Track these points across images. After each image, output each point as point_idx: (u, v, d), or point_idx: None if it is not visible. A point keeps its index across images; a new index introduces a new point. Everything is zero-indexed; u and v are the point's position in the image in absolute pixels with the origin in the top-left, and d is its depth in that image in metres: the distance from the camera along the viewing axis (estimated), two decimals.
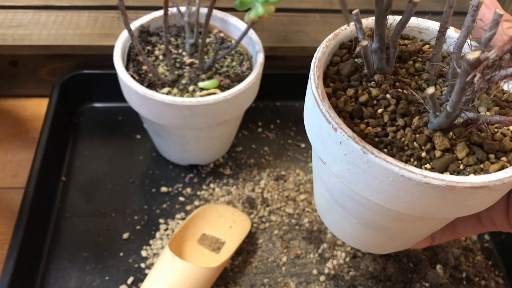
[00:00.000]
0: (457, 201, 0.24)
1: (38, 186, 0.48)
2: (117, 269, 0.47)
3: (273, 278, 0.47)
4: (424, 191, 0.24)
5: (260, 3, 0.40)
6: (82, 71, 0.59)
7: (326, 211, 0.35)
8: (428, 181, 0.23)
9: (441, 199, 0.24)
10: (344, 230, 0.35)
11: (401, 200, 0.25)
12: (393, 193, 0.25)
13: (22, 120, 0.61)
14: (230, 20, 0.51)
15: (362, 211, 0.29)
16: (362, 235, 0.33)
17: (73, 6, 0.62)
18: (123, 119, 0.60)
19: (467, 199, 0.24)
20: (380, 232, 0.31)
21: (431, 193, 0.24)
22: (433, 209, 0.25)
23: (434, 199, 0.24)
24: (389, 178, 0.24)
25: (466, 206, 0.25)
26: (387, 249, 0.36)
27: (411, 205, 0.25)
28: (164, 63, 0.49)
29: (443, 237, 0.37)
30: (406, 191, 0.24)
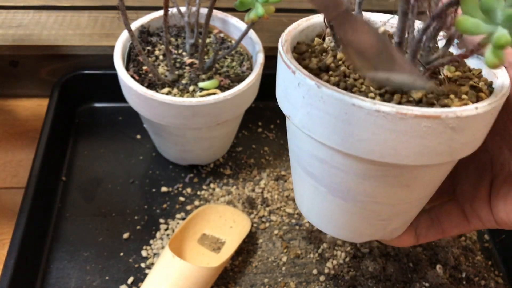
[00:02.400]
0: (412, 137, 0.24)
1: (38, 186, 0.48)
2: (117, 269, 0.47)
3: (273, 278, 0.47)
4: (376, 123, 0.24)
5: (260, 4, 0.40)
6: (82, 71, 0.59)
7: (300, 192, 0.34)
8: (378, 108, 0.23)
9: (396, 134, 0.24)
10: (317, 210, 0.34)
11: (357, 139, 0.25)
12: (348, 131, 0.25)
13: (22, 120, 0.61)
14: (230, 21, 0.51)
15: (327, 172, 0.29)
16: (334, 212, 0.32)
17: (73, 6, 0.62)
18: (123, 119, 0.60)
19: (423, 136, 0.24)
20: (350, 202, 0.30)
21: (384, 124, 0.24)
22: (391, 149, 0.25)
23: (388, 134, 0.24)
24: (343, 111, 0.24)
25: (426, 148, 0.25)
26: (363, 233, 0.34)
27: (367, 144, 0.25)
28: (164, 63, 0.49)
29: (429, 235, 0.35)
30: (359, 125, 0.24)
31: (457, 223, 0.34)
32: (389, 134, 0.24)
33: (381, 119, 0.24)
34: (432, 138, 0.24)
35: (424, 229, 0.35)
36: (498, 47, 0.21)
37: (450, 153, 0.26)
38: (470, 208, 0.33)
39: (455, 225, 0.34)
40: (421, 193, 0.30)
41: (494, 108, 0.25)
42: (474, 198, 0.33)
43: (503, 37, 0.20)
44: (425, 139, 0.24)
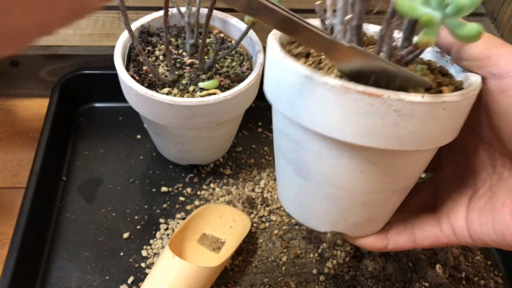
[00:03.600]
0: (356, 114, 0.25)
1: (38, 186, 0.48)
2: (118, 269, 0.47)
3: (273, 278, 0.47)
4: (323, 95, 0.26)
5: None
6: (82, 71, 0.59)
7: (278, 177, 0.36)
8: (325, 81, 0.25)
9: (341, 109, 0.25)
10: (287, 193, 0.35)
11: (309, 111, 0.27)
12: (302, 102, 0.27)
13: (23, 120, 0.61)
14: (230, 21, 0.52)
15: (292, 148, 0.31)
16: (298, 194, 0.33)
17: None
18: (123, 119, 0.60)
19: (366, 114, 0.25)
20: (310, 182, 0.31)
21: (330, 98, 0.25)
22: (337, 123, 0.26)
23: (334, 107, 0.26)
24: (298, 82, 0.27)
25: (371, 128, 0.26)
26: (324, 220, 0.34)
27: (317, 117, 0.27)
28: (165, 63, 0.49)
29: (399, 241, 0.35)
30: (310, 97, 0.26)
31: (430, 233, 0.33)
32: (335, 108, 0.26)
33: (328, 92, 0.25)
34: (376, 118, 0.25)
35: (395, 234, 0.35)
36: (424, 24, 0.22)
37: (398, 140, 0.26)
38: (446, 220, 0.33)
39: (428, 235, 0.33)
40: (377, 184, 0.30)
41: (448, 103, 0.25)
42: (451, 210, 0.32)
43: (427, 15, 0.22)
44: (368, 118, 0.25)
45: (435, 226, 0.33)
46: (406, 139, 0.26)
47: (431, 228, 0.33)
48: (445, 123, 0.26)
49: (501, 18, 0.63)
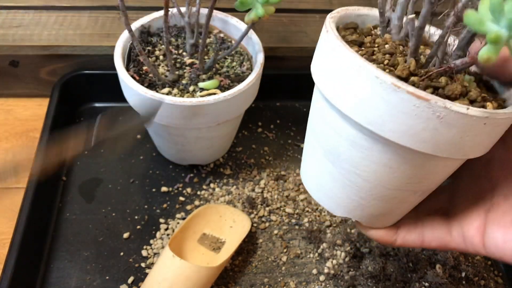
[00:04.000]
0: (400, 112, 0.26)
1: (38, 186, 0.48)
2: (118, 269, 0.47)
3: (273, 278, 0.47)
4: (373, 88, 0.26)
5: (260, 4, 0.40)
6: (82, 71, 0.59)
7: (305, 157, 0.37)
8: (377, 75, 0.25)
9: (386, 105, 0.26)
10: (311, 173, 0.36)
11: (354, 100, 0.27)
12: (348, 90, 0.27)
13: (23, 120, 0.61)
14: (230, 21, 0.52)
15: (327, 133, 0.31)
16: (322, 175, 0.34)
17: (73, 6, 0.62)
18: (123, 119, 0.60)
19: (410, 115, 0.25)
20: (337, 167, 0.32)
21: (379, 92, 0.26)
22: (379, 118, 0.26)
23: (380, 102, 0.26)
24: (350, 70, 0.27)
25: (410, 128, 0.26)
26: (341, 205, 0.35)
27: (361, 107, 0.27)
28: (165, 63, 0.49)
29: (408, 239, 0.35)
30: (358, 86, 0.27)
31: (439, 236, 0.34)
32: (381, 102, 0.26)
33: (378, 86, 0.25)
34: (418, 120, 0.25)
35: (405, 231, 0.35)
36: (491, 41, 0.22)
37: (434, 145, 0.26)
38: (458, 227, 0.33)
39: (436, 237, 0.34)
40: (401, 183, 0.31)
41: (490, 119, 0.25)
42: (465, 218, 0.33)
43: (496, 33, 0.22)
44: (411, 119, 0.26)
45: (445, 230, 0.34)
46: (441, 145, 0.26)
47: (441, 232, 0.34)
48: (481, 138, 0.27)
49: None
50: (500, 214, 0.31)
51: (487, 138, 0.27)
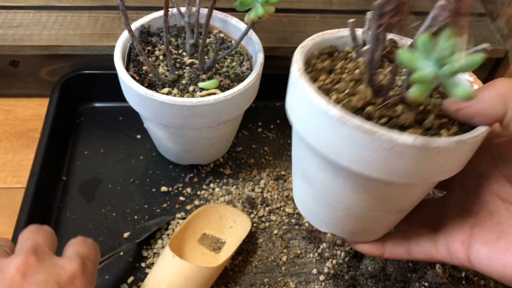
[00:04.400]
0: (350, 144, 0.27)
1: (38, 186, 0.48)
2: (118, 269, 0.47)
3: (273, 278, 0.47)
4: (324, 121, 0.27)
5: (260, 4, 0.40)
6: (82, 71, 0.59)
7: (292, 176, 0.38)
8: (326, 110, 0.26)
9: (338, 137, 0.27)
10: (297, 194, 0.38)
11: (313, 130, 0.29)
12: (308, 121, 0.29)
13: (23, 120, 0.61)
14: (230, 21, 0.52)
15: (299, 154, 0.33)
16: (304, 195, 0.36)
17: (73, 6, 0.62)
18: (123, 119, 0.60)
19: (360, 146, 0.26)
20: (313, 188, 0.33)
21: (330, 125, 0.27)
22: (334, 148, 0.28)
23: (333, 133, 0.27)
24: (307, 102, 0.28)
25: (363, 159, 0.27)
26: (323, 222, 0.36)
27: (319, 137, 0.28)
28: (165, 63, 0.49)
29: (394, 250, 0.36)
30: (314, 119, 0.28)
31: (425, 250, 0.34)
32: (333, 135, 0.27)
33: (328, 120, 0.27)
34: (369, 151, 0.26)
35: (392, 245, 0.36)
36: (415, 81, 0.23)
37: (388, 173, 0.27)
38: (443, 240, 0.33)
39: (422, 251, 0.34)
40: (371, 204, 0.31)
41: (441, 148, 0.25)
42: (450, 233, 0.33)
43: (419, 74, 0.23)
44: (362, 150, 0.26)
45: (431, 243, 0.34)
46: (395, 173, 0.27)
47: (426, 245, 0.34)
48: (438, 164, 0.27)
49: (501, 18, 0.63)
50: (486, 231, 0.31)
51: (447, 164, 0.27)
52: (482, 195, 0.32)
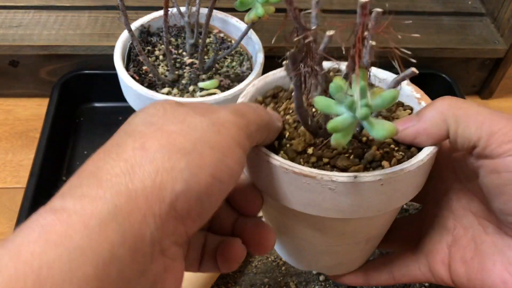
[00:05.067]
0: (296, 189, 0.27)
1: (38, 186, 0.48)
2: None
3: (273, 278, 0.47)
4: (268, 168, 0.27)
5: (260, 4, 0.40)
6: (82, 71, 0.59)
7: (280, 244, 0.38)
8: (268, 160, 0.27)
9: (283, 183, 0.27)
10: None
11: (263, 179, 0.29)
12: (256, 169, 0.29)
13: (23, 120, 0.61)
14: (230, 21, 0.52)
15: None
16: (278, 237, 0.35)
17: (73, 6, 0.62)
18: (123, 119, 0.59)
19: (306, 190, 0.26)
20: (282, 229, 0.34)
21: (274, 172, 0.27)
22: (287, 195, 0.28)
23: (280, 182, 0.27)
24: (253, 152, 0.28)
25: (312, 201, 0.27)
26: (300, 261, 0.37)
27: (270, 186, 0.28)
28: (164, 63, 0.49)
29: (378, 277, 0.36)
30: (261, 167, 0.28)
31: (408, 273, 0.34)
32: (280, 181, 0.27)
33: (272, 168, 0.27)
34: (315, 193, 0.26)
35: (375, 273, 0.36)
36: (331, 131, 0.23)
37: (339, 211, 0.27)
38: (424, 261, 0.33)
39: (406, 274, 0.34)
40: (336, 240, 0.32)
41: (384, 180, 0.25)
42: (430, 253, 0.33)
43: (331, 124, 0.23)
44: (308, 193, 0.27)
45: (413, 266, 0.34)
46: (347, 210, 0.27)
47: (409, 268, 0.34)
48: (388, 194, 0.27)
49: (501, 18, 0.63)
50: (462, 249, 0.31)
51: (396, 193, 0.27)
52: (455, 211, 0.32)
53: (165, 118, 0.23)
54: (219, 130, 0.23)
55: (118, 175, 0.20)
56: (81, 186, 0.21)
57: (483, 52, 0.62)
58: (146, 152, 0.21)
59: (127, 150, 0.22)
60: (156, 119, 0.24)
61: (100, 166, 0.22)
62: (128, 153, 0.22)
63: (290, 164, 0.26)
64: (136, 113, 0.26)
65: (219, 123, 0.23)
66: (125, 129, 0.25)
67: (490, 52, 0.62)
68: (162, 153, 0.21)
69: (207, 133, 0.23)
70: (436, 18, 0.65)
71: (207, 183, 0.22)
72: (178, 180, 0.21)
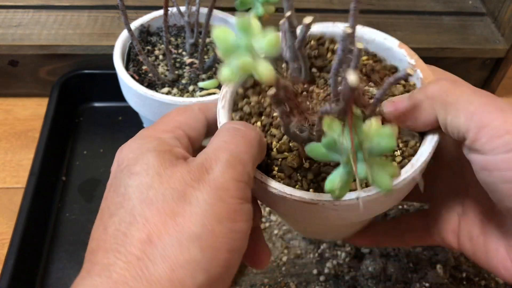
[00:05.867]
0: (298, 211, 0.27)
1: (38, 186, 0.48)
2: None
3: (273, 278, 0.47)
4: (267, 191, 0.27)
5: (260, 3, 0.40)
6: (82, 71, 0.59)
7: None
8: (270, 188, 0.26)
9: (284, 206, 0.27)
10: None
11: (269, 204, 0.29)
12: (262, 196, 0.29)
13: (22, 120, 0.61)
14: (230, 20, 0.51)
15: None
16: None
17: (73, 5, 0.62)
18: (123, 119, 0.60)
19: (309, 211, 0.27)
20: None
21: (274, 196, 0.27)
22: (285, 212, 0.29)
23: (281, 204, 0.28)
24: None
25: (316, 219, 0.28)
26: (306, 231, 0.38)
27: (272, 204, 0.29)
28: (164, 63, 0.49)
29: (388, 241, 0.36)
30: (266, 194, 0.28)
31: (419, 237, 0.34)
32: (284, 204, 0.27)
33: (271, 194, 0.27)
34: (319, 214, 0.27)
35: (386, 236, 0.36)
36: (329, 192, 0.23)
37: (343, 220, 0.28)
38: (436, 230, 0.33)
39: (417, 239, 0.35)
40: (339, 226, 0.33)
41: (381, 196, 0.26)
42: (442, 223, 0.33)
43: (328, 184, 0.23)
44: (311, 214, 0.27)
45: (424, 231, 0.34)
46: (350, 218, 0.28)
47: (420, 234, 0.34)
48: (387, 202, 0.28)
49: (502, 18, 0.63)
50: (470, 225, 0.31)
51: (400, 195, 0.28)
52: (468, 178, 0.31)
53: (163, 192, 0.22)
54: (221, 197, 0.22)
55: (134, 278, 0.20)
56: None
57: (483, 52, 0.62)
58: (155, 246, 0.20)
59: (134, 243, 0.21)
60: (153, 193, 0.22)
61: (110, 264, 0.21)
62: (137, 246, 0.21)
63: (288, 192, 0.26)
64: (125, 172, 0.25)
65: (218, 188, 0.22)
66: (121, 203, 0.23)
67: (491, 52, 0.62)
68: (173, 247, 0.20)
69: (211, 207, 0.21)
70: (437, 17, 0.65)
71: (225, 260, 0.21)
72: (197, 272, 0.20)
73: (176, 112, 0.28)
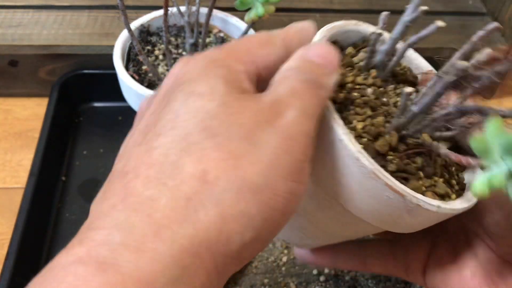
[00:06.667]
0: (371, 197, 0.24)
1: (37, 186, 0.48)
2: None
3: (273, 278, 0.47)
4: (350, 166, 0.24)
5: (260, 3, 0.40)
6: (82, 71, 0.59)
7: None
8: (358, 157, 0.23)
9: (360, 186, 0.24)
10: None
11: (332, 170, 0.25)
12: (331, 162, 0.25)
13: (22, 120, 0.60)
14: (230, 20, 0.51)
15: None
16: None
17: (73, 5, 0.62)
18: (123, 119, 0.60)
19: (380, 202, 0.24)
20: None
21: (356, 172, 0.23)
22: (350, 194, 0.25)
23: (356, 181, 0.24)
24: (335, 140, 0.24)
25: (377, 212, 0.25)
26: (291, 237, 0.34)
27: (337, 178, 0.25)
28: (164, 63, 0.49)
29: (349, 264, 0.33)
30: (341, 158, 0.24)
31: (381, 263, 0.32)
32: (356, 182, 0.24)
33: (356, 169, 0.23)
34: (387, 208, 0.24)
35: (347, 257, 0.33)
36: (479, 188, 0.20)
37: (393, 225, 0.26)
38: (402, 256, 0.31)
39: (378, 264, 0.32)
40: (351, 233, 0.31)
41: (454, 209, 0.25)
42: (410, 250, 0.31)
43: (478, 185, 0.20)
44: (380, 205, 0.24)
45: (388, 257, 0.32)
46: (398, 226, 0.26)
47: (383, 259, 0.32)
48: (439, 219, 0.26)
49: (502, 18, 0.63)
50: (439, 253, 0.29)
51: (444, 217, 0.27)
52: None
53: (229, 127, 0.18)
54: (291, 148, 0.19)
55: (179, 222, 0.17)
56: (134, 228, 0.17)
57: None
58: (210, 187, 0.17)
59: (186, 178, 0.17)
60: (217, 124, 0.18)
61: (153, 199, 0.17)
62: (188, 183, 0.17)
63: (383, 173, 0.23)
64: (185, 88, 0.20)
65: (289, 137, 0.19)
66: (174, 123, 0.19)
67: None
68: (230, 193, 0.17)
69: (278, 159, 0.18)
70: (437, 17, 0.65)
71: (277, 223, 0.19)
72: (247, 229, 0.18)
73: (258, 42, 0.23)
